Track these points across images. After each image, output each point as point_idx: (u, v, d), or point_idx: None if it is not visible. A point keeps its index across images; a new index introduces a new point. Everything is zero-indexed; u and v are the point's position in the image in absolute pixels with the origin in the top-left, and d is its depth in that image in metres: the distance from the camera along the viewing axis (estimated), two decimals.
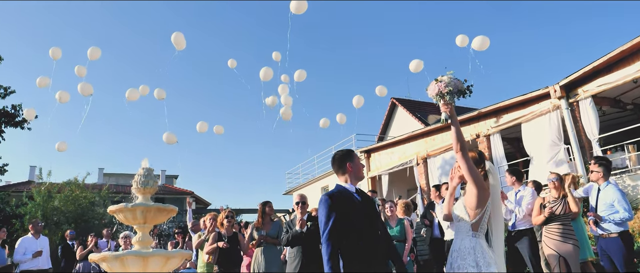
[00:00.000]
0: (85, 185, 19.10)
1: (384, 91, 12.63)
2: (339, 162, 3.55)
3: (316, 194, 22.17)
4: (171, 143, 11.72)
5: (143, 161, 3.92)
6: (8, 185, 24.17)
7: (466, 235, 3.18)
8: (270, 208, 6.38)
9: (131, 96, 11.73)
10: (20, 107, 17.59)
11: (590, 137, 10.19)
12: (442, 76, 3.34)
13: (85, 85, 11.20)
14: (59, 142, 11.68)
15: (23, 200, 17.21)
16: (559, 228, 5.57)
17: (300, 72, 12.21)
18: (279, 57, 12.20)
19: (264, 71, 11.78)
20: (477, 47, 10.06)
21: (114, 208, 3.62)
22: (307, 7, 9.86)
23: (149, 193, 3.90)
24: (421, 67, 11.15)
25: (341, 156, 3.56)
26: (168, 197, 29.73)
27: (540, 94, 11.16)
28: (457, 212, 3.32)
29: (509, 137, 14.22)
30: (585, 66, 10.14)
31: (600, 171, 5.43)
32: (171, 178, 37.24)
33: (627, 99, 12.04)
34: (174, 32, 10.61)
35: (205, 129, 12.94)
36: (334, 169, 3.60)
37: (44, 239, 9.14)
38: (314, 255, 5.20)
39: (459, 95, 3.31)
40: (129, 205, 3.60)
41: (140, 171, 3.86)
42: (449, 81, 3.26)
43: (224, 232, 6.00)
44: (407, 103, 24.05)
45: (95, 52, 11.13)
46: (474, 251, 3.08)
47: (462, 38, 10.42)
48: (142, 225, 3.71)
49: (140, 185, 3.80)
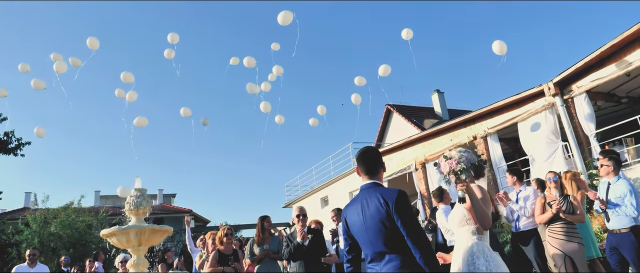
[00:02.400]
0: (82, 208, 18.91)
1: (362, 81, 12.78)
2: (374, 160, 2.90)
3: (316, 206, 22.06)
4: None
5: (135, 181, 3.80)
6: (3, 212, 23.93)
7: (471, 238, 3.24)
8: (268, 223, 6.24)
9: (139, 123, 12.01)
10: (12, 133, 17.41)
11: (588, 133, 10.13)
12: (450, 151, 3.15)
13: (38, 81, 11.66)
14: (37, 128, 12.16)
15: (19, 227, 16.99)
16: (562, 227, 5.45)
17: (278, 68, 12.69)
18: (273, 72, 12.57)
19: (247, 60, 12.30)
20: (497, 52, 10.47)
21: (107, 232, 3.51)
22: (292, 18, 10.34)
23: (143, 215, 3.79)
24: (389, 70, 11.87)
25: (378, 153, 2.97)
26: (166, 217, 29.50)
27: (534, 92, 11.11)
28: (460, 216, 3.28)
29: (506, 137, 14.17)
30: (577, 62, 10.12)
31: (610, 165, 5.28)
32: (169, 197, 37.01)
33: (621, 93, 12.03)
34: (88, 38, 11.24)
35: (189, 114, 13.30)
36: (364, 167, 2.89)
37: (42, 267, 8.96)
38: (316, 268, 5.08)
39: (475, 171, 3.13)
40: (122, 228, 3.49)
41: (133, 192, 3.74)
42: (460, 157, 3.11)
43: (223, 249, 5.86)
44: (402, 109, 24.07)
45: (93, 41, 11.51)
46: (484, 253, 3.12)
47: (407, 31, 11.46)
48: (137, 248, 3.58)
49: (133, 207, 3.69)
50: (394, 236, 2.59)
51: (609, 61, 9.87)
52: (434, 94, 25.73)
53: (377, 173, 2.88)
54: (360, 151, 2.98)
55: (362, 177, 2.90)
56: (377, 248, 2.65)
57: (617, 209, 5.09)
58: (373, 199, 2.70)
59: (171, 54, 12.16)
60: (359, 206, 2.77)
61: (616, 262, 5.25)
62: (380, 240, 2.63)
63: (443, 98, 25.61)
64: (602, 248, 6.36)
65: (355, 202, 2.85)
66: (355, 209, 2.80)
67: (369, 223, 2.68)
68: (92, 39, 11.38)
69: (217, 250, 5.83)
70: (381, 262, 2.65)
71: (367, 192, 2.79)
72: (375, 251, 2.67)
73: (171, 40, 12.00)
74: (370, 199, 2.72)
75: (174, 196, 37.82)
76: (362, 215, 2.73)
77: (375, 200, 2.68)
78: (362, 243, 2.78)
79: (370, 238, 2.67)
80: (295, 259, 5.27)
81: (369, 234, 2.68)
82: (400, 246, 2.59)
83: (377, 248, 2.65)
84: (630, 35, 9.15)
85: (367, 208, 2.71)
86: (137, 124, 11.89)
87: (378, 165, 2.89)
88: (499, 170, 12.13)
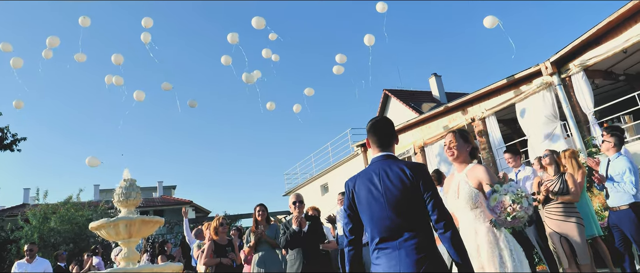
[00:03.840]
0: (81, 203, 18.86)
1: (343, 58, 12.92)
2: (388, 131, 2.68)
3: (316, 193, 22.04)
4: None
5: (124, 172, 3.70)
6: (2, 209, 23.89)
7: (484, 225, 3.01)
8: (262, 210, 6.16)
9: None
10: (7, 129, 17.32)
11: (586, 111, 10.05)
12: (496, 185, 2.77)
13: (17, 59, 11.80)
14: (16, 101, 12.33)
15: (19, 223, 16.95)
16: (558, 206, 5.35)
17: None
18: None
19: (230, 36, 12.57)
20: (488, 26, 10.66)
21: (95, 225, 3.43)
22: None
23: (133, 206, 3.70)
24: (373, 40, 12.20)
25: (390, 123, 2.74)
26: (167, 208, 29.50)
27: (531, 71, 11.00)
28: (468, 195, 3.07)
29: (505, 118, 14.08)
30: (574, 40, 10.01)
31: (611, 141, 5.17)
32: (169, 189, 37.02)
33: (618, 70, 11.93)
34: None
35: (169, 87, 13.67)
36: (376, 139, 2.67)
37: (42, 262, 8.91)
38: (315, 255, 5.02)
39: (527, 203, 2.71)
40: (111, 220, 3.40)
41: (122, 183, 3.65)
42: (508, 189, 2.73)
43: (218, 239, 5.80)
44: (400, 93, 23.95)
45: (85, 20, 11.81)
46: (512, 249, 2.93)
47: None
48: (128, 240, 3.49)
49: (123, 198, 3.60)
50: (417, 211, 2.41)
51: (606, 38, 9.75)
52: (431, 78, 25.58)
53: (390, 145, 2.67)
54: (370, 121, 2.73)
55: (373, 149, 2.68)
56: (395, 224, 2.41)
57: (616, 186, 5.01)
58: (394, 171, 2.48)
59: (147, 37, 12.40)
60: (375, 178, 2.52)
61: (619, 240, 5.19)
62: (402, 215, 2.40)
63: (440, 81, 25.46)
64: (604, 226, 6.30)
65: (365, 175, 2.58)
66: (368, 182, 2.54)
67: (390, 196, 2.44)
68: (84, 18, 11.49)
69: (212, 241, 5.78)
70: (397, 240, 2.40)
71: (383, 164, 2.56)
72: (391, 227, 2.42)
73: (145, 25, 12.18)
74: (390, 171, 2.50)
75: (174, 188, 37.84)
76: (381, 188, 2.47)
77: (397, 172, 2.47)
78: (373, 220, 2.48)
79: (389, 213, 2.42)
80: (292, 246, 5.18)
81: (387, 208, 2.43)
82: (421, 223, 2.41)
83: (396, 224, 2.40)
84: (626, 11, 9.04)
85: (387, 181, 2.47)
86: (137, 97, 12.41)
87: (391, 137, 2.68)
88: (498, 151, 12.06)
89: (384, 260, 2.42)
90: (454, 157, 3.20)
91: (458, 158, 3.21)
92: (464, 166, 3.20)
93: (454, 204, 3.18)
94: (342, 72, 12.87)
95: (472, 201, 3.04)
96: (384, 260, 2.42)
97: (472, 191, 3.04)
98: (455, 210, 3.16)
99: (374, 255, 2.49)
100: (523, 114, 11.47)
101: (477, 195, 3.03)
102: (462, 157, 3.20)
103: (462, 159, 3.21)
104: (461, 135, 3.27)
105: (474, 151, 3.26)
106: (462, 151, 3.21)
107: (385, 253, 2.42)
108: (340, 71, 12.96)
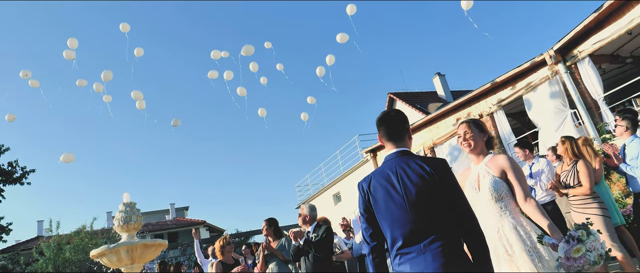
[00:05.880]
0: (94, 231, 18.84)
1: (345, 37, 12.82)
2: (399, 123, 2.44)
3: (329, 203, 21.84)
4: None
5: (123, 196, 3.57)
6: (17, 244, 23.93)
7: (510, 220, 2.81)
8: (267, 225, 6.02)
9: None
10: (16, 162, 17.38)
11: (595, 97, 9.83)
12: (581, 232, 2.45)
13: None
14: (8, 115, 12.45)
15: (33, 256, 16.94)
16: (577, 196, 5.08)
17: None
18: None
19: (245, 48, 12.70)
20: (464, 7, 10.54)
21: (96, 253, 3.29)
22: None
23: (134, 230, 3.55)
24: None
25: (401, 115, 2.49)
26: (181, 230, 29.42)
27: (536, 62, 10.81)
28: (492, 187, 2.86)
29: (513, 112, 13.89)
30: (576, 26, 9.82)
31: (623, 125, 4.94)
32: (182, 211, 36.96)
33: (625, 53, 11.71)
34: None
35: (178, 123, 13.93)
36: (387, 132, 2.43)
37: None
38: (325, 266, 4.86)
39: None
40: (111, 247, 3.25)
41: (121, 207, 3.50)
42: (595, 246, 2.41)
43: (224, 259, 5.66)
44: (405, 96, 23.75)
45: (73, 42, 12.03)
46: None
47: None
48: (130, 266, 3.34)
49: (123, 223, 3.46)
50: (441, 212, 2.18)
51: (609, 21, 9.55)
52: (435, 77, 25.37)
53: (403, 139, 2.41)
54: (380, 114, 2.49)
55: (387, 145, 2.43)
56: (418, 226, 2.17)
57: (633, 170, 4.79)
58: (414, 168, 2.25)
59: (140, 52, 12.65)
60: (392, 178, 2.28)
61: None
62: (426, 216, 2.17)
63: (445, 80, 25.23)
64: (626, 213, 6.06)
65: (381, 174, 2.33)
66: (385, 182, 2.29)
67: (410, 196, 2.19)
68: (71, 40, 11.78)
69: (219, 261, 5.63)
70: (421, 243, 2.16)
71: (399, 161, 2.32)
72: (415, 230, 2.18)
73: (123, 29, 12.36)
74: (410, 168, 2.25)
75: (187, 209, 37.80)
76: (400, 187, 2.23)
77: (417, 169, 2.23)
78: (394, 223, 2.24)
79: (409, 215, 2.18)
80: (296, 260, 5.08)
81: (409, 209, 2.19)
82: (444, 225, 2.18)
83: (419, 226, 2.17)
84: None
85: (406, 179, 2.23)
86: (135, 97, 12.71)
87: (403, 129, 2.43)
88: (509, 146, 11.84)
89: (408, 266, 2.18)
90: (471, 148, 3.01)
91: (475, 149, 3.02)
92: (482, 157, 3.00)
93: (473, 198, 2.91)
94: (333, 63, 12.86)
95: (496, 192, 2.81)
96: (407, 267, 2.19)
97: (496, 181, 2.82)
98: (475, 205, 2.85)
99: (397, 260, 2.24)
100: (531, 106, 11.27)
101: (501, 185, 2.81)
102: (479, 148, 3.02)
103: (479, 150, 3.02)
104: (476, 124, 3.09)
105: (491, 141, 3.08)
106: (479, 141, 3.02)
107: (409, 259, 2.19)
108: (328, 66, 12.93)
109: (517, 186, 2.80)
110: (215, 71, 13.07)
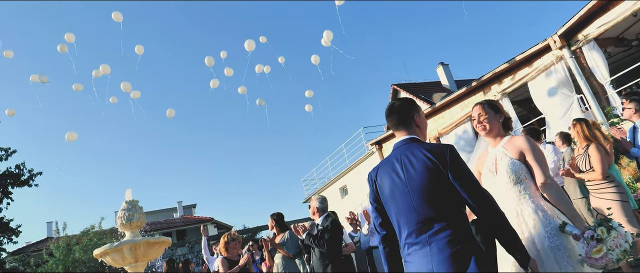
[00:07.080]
0: (103, 231, 18.92)
1: (251, 45, 12.72)
2: (406, 110, 2.42)
3: (335, 197, 21.79)
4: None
5: (126, 193, 3.52)
6: (28, 245, 24.09)
7: (531, 204, 2.65)
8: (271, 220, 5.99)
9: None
10: (23, 165, 17.46)
11: (602, 81, 9.70)
12: (598, 245, 2.25)
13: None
14: (8, 109, 12.25)
15: (44, 258, 17.04)
16: (593, 181, 4.96)
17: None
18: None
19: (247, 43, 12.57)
20: None
21: (99, 252, 3.27)
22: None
23: (137, 228, 3.51)
24: (331, 36, 11.90)
25: (409, 102, 2.48)
26: (189, 228, 29.49)
27: (540, 48, 10.69)
28: (509, 168, 2.71)
29: (519, 99, 13.76)
30: (580, 10, 9.69)
31: (631, 107, 4.80)
32: (190, 208, 37.05)
33: (630, 36, 11.55)
34: None
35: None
36: (395, 120, 2.43)
37: None
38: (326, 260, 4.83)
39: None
40: (114, 245, 3.21)
41: (123, 205, 3.46)
42: (617, 243, 2.25)
43: (229, 256, 5.63)
44: (409, 86, 23.62)
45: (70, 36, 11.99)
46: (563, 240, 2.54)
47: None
48: (134, 265, 3.30)
49: (125, 221, 3.42)
50: (446, 200, 2.14)
51: (613, 3, 9.40)
52: (439, 67, 25.21)
53: (411, 126, 2.39)
54: (387, 105, 2.48)
55: (396, 134, 2.43)
56: (422, 215, 2.15)
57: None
58: (418, 156, 2.22)
59: (141, 49, 12.58)
60: (397, 166, 2.27)
61: None
62: (430, 205, 2.14)
63: (448, 70, 25.07)
64: (637, 198, 5.94)
65: (387, 163, 2.34)
66: (390, 170, 2.30)
67: (414, 185, 2.18)
68: (69, 34, 11.82)
69: (224, 258, 5.61)
70: (427, 232, 2.14)
71: (405, 149, 2.31)
72: (419, 220, 2.16)
73: (115, 18, 12.32)
74: (414, 157, 2.23)
75: (195, 206, 37.88)
76: (404, 176, 2.22)
77: (421, 157, 2.21)
78: (399, 212, 2.24)
79: (414, 203, 2.17)
80: (304, 253, 5.05)
81: (413, 198, 2.17)
82: (452, 213, 2.14)
83: (423, 215, 2.15)
84: None
85: (410, 167, 2.22)
86: (133, 96, 12.78)
87: (410, 117, 2.40)
88: (516, 133, 11.73)
89: (415, 258, 2.17)
90: (487, 130, 2.85)
91: (491, 132, 2.85)
92: (498, 140, 2.85)
93: (491, 181, 2.79)
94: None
95: (514, 174, 2.66)
96: (415, 258, 2.18)
97: (514, 163, 2.68)
98: (493, 188, 2.71)
99: (405, 251, 2.24)
100: (537, 93, 11.14)
101: (519, 167, 2.67)
102: (495, 130, 2.85)
103: (496, 132, 2.86)
104: (490, 105, 2.92)
105: (508, 121, 2.92)
106: (495, 123, 2.86)
107: (415, 250, 2.18)
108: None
109: (536, 168, 2.64)
110: (216, 80, 13.09)
